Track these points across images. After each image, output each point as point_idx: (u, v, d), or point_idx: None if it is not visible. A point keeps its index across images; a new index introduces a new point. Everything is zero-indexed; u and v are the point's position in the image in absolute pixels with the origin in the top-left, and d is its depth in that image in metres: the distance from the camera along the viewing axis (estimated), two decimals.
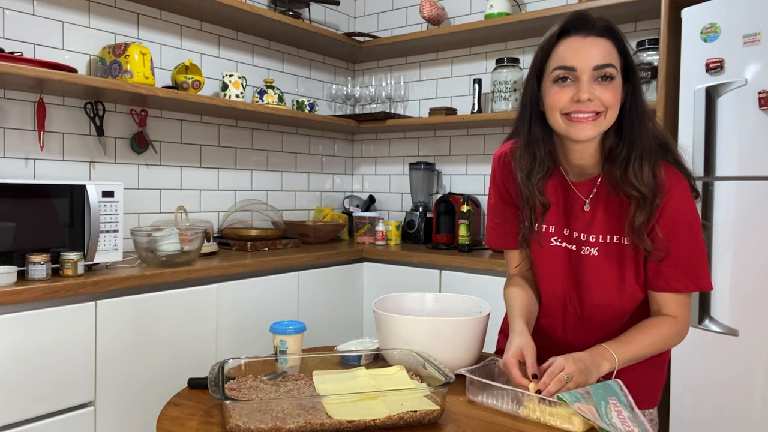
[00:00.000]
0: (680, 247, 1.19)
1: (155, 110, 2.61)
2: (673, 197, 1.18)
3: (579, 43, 1.16)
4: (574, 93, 1.15)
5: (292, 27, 2.93)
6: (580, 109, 1.15)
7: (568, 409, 1.06)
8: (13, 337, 1.67)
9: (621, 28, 1.23)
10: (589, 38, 1.15)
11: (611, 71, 1.14)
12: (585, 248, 1.26)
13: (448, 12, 3.26)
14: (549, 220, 1.30)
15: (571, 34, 1.17)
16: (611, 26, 1.18)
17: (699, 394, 2.00)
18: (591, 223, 1.26)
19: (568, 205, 1.29)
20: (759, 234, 1.88)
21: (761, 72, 1.87)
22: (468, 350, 1.34)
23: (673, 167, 1.22)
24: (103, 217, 1.99)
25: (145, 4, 2.55)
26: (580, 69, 1.14)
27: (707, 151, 1.98)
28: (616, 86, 1.16)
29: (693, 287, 1.21)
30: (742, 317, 1.91)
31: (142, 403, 1.97)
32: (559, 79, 1.16)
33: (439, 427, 1.08)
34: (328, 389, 1.18)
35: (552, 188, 1.30)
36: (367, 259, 2.90)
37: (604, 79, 1.14)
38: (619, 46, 1.17)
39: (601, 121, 1.16)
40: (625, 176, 1.18)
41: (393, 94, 3.31)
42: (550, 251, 1.31)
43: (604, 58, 1.14)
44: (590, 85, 1.14)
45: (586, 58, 1.14)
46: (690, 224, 1.20)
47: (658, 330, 1.21)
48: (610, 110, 1.15)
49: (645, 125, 1.18)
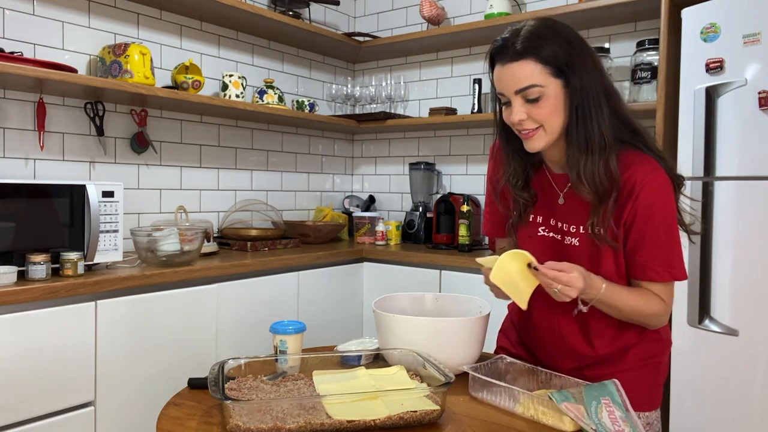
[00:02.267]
0: (655, 237, 1.21)
1: (155, 110, 2.61)
2: (646, 187, 1.19)
3: (499, 72, 1.21)
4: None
5: (292, 27, 2.93)
6: (520, 128, 1.22)
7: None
8: (13, 337, 1.67)
9: (621, 28, 1.24)
10: (507, 66, 1.19)
11: (533, 92, 1.17)
12: (567, 238, 1.29)
13: (448, 12, 3.26)
14: (537, 211, 1.35)
15: (496, 62, 1.22)
16: (528, 43, 1.16)
17: (699, 394, 2.00)
18: (570, 213, 1.29)
19: (551, 197, 1.33)
20: (759, 234, 1.88)
21: (761, 72, 1.87)
22: (468, 350, 1.34)
23: (646, 156, 1.22)
24: (103, 217, 1.99)
25: (145, 4, 2.55)
26: (507, 95, 1.21)
27: (707, 151, 1.98)
28: (546, 101, 1.18)
29: (668, 276, 1.23)
30: (742, 317, 1.91)
31: (142, 403, 1.97)
32: (504, 103, 1.24)
33: (439, 427, 1.08)
34: (328, 389, 1.18)
35: (538, 181, 1.35)
36: (367, 259, 2.90)
37: (529, 100, 1.18)
38: (544, 56, 1.16)
39: (542, 134, 1.21)
40: (577, 180, 1.21)
41: (393, 94, 3.31)
42: (538, 241, 1.33)
43: (524, 80, 1.17)
44: (521, 107, 1.19)
45: (507, 85, 1.19)
46: (664, 214, 1.21)
47: (647, 302, 1.23)
48: (545, 123, 1.20)
49: (593, 120, 1.18)
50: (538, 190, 1.35)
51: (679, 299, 2.04)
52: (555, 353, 1.36)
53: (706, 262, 1.98)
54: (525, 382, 1.28)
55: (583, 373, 1.32)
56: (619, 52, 2.71)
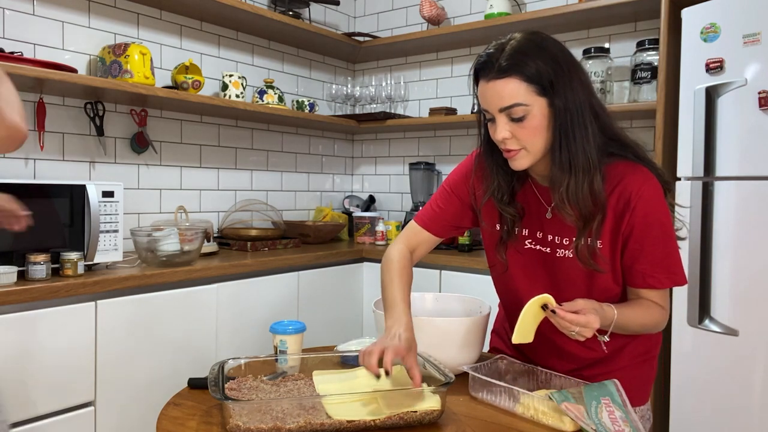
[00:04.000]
0: (654, 245, 1.20)
1: (155, 110, 2.61)
2: (642, 198, 1.18)
3: (483, 88, 1.17)
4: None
5: (292, 27, 2.93)
6: (501, 147, 1.20)
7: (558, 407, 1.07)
8: (13, 337, 1.67)
9: (621, 28, 1.23)
10: (491, 83, 1.15)
11: (517, 111, 1.14)
12: (560, 251, 1.27)
13: (448, 12, 3.26)
14: (523, 224, 1.32)
15: (480, 78, 1.19)
16: (513, 60, 1.13)
17: (699, 394, 2.00)
18: (562, 226, 1.25)
19: (539, 211, 1.30)
20: (759, 234, 1.88)
21: (761, 72, 1.87)
22: (468, 350, 1.34)
23: (636, 165, 1.21)
24: (103, 217, 1.99)
25: (145, 4, 2.55)
26: (491, 112, 1.18)
27: (707, 151, 1.98)
28: (530, 120, 1.14)
29: (669, 283, 1.22)
30: (742, 317, 1.91)
31: (142, 403, 1.97)
32: (488, 119, 1.21)
33: (439, 427, 1.08)
34: (328, 389, 1.18)
35: (523, 195, 1.32)
36: (367, 259, 2.90)
37: (513, 118, 1.15)
38: (528, 74, 1.12)
39: (524, 154, 1.18)
40: (560, 201, 1.18)
41: (393, 94, 3.31)
42: (526, 255, 1.31)
43: (507, 99, 1.14)
44: (505, 125, 1.16)
45: (492, 102, 1.16)
46: (661, 223, 1.20)
47: (651, 313, 1.23)
48: (528, 144, 1.17)
49: (573, 144, 1.15)
50: (523, 204, 1.31)
51: (679, 299, 2.04)
52: (549, 356, 1.36)
53: (706, 262, 1.98)
54: (525, 382, 1.28)
55: (581, 373, 1.32)
56: (619, 52, 2.71)
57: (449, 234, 1.45)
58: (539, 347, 1.34)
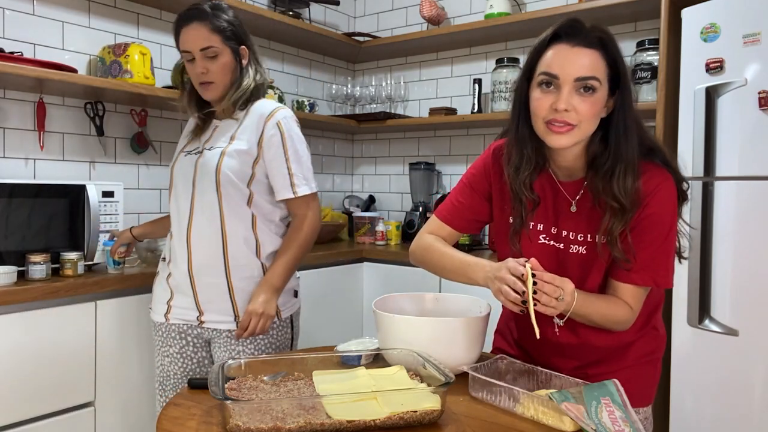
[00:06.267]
0: (650, 243, 1.21)
1: (155, 110, 2.61)
2: (658, 194, 1.19)
3: (565, 52, 1.16)
4: (554, 101, 1.16)
5: (292, 27, 2.93)
6: (556, 118, 1.16)
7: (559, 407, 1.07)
8: (13, 337, 1.67)
9: (621, 28, 1.24)
10: (576, 48, 1.16)
11: (593, 83, 1.15)
12: (573, 246, 1.27)
13: (448, 12, 3.26)
14: (537, 218, 1.31)
15: (561, 41, 1.17)
16: (603, 37, 1.17)
17: (699, 394, 2.00)
18: (579, 222, 1.26)
19: (557, 205, 1.30)
20: (759, 234, 1.88)
21: (761, 72, 1.87)
22: (468, 350, 1.34)
23: (658, 166, 1.23)
24: (103, 217, 1.99)
25: (145, 4, 2.55)
26: (562, 78, 1.15)
27: (707, 151, 1.98)
28: (597, 99, 1.16)
29: (651, 282, 1.22)
30: (742, 317, 1.91)
31: (142, 403, 1.97)
32: (543, 84, 1.18)
33: (439, 427, 1.08)
34: (328, 389, 1.18)
35: (540, 187, 1.31)
36: (367, 259, 2.90)
37: (586, 90, 1.15)
38: (609, 57, 1.17)
39: (575, 133, 1.17)
40: (607, 188, 1.19)
41: (393, 94, 3.31)
42: (538, 249, 1.31)
43: (589, 70, 1.15)
44: (570, 96, 1.15)
45: (570, 68, 1.15)
46: (668, 223, 1.21)
47: (614, 309, 1.23)
48: (584, 122, 1.16)
49: (631, 138, 1.18)
50: (540, 195, 1.31)
51: (679, 299, 2.04)
52: (553, 354, 1.36)
53: (706, 262, 1.98)
54: (525, 382, 1.28)
55: (585, 371, 1.32)
56: None
57: (469, 229, 1.47)
58: (542, 346, 1.34)
